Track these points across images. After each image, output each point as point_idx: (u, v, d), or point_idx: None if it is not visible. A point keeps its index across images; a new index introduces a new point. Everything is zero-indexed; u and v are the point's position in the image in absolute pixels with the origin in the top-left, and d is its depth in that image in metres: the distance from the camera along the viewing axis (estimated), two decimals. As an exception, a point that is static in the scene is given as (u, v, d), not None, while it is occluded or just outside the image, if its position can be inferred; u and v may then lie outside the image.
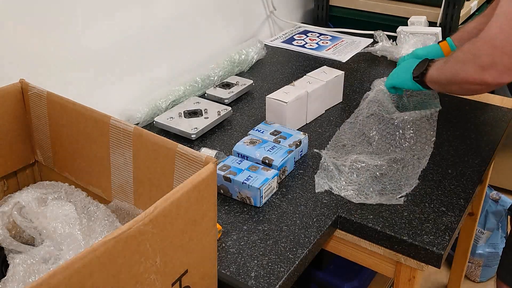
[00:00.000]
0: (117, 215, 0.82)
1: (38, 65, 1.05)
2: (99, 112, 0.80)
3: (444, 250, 0.88)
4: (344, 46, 1.67)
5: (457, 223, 0.94)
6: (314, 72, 1.30)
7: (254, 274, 0.83)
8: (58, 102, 0.84)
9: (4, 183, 0.90)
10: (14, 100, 0.87)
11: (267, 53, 1.60)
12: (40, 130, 0.89)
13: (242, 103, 1.34)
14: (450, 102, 1.33)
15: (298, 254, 0.87)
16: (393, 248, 0.92)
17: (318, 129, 1.22)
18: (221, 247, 0.89)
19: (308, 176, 1.06)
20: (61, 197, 0.84)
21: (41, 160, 0.92)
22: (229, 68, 1.45)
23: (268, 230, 0.92)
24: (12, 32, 0.99)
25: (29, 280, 0.69)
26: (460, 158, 1.11)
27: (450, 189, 1.02)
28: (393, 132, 1.14)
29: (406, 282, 0.97)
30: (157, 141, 0.73)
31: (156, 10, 1.30)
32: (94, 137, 0.81)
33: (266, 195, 0.99)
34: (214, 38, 1.53)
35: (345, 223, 0.96)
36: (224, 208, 0.98)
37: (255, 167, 1.01)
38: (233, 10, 1.59)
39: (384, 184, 1.02)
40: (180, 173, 0.71)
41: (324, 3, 1.84)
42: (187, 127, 1.17)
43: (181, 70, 1.41)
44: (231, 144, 1.15)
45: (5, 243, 0.77)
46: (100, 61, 1.19)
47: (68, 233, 0.75)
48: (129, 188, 0.80)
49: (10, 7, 0.97)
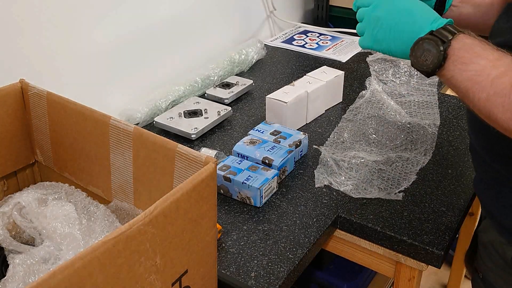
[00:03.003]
0: (117, 215, 0.82)
1: (38, 65, 1.05)
2: (99, 112, 0.80)
3: (444, 250, 0.88)
4: (344, 46, 1.67)
5: (457, 223, 0.94)
6: (314, 72, 1.30)
7: (254, 274, 0.83)
8: (58, 102, 0.84)
9: (4, 183, 0.90)
10: (14, 100, 0.87)
11: (267, 53, 1.60)
12: (40, 130, 0.89)
13: (242, 103, 1.34)
14: (450, 102, 1.33)
15: (298, 254, 0.87)
16: (393, 248, 0.92)
17: (318, 129, 1.22)
18: (221, 247, 0.89)
19: (308, 176, 1.06)
20: (61, 197, 0.84)
21: (41, 160, 0.92)
22: (229, 68, 1.45)
23: (268, 230, 0.92)
24: (12, 32, 0.99)
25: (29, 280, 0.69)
26: (460, 158, 1.11)
27: (450, 189, 1.02)
28: (395, 136, 1.14)
29: (406, 282, 0.97)
30: (157, 141, 0.73)
31: (156, 10, 1.30)
32: (94, 137, 0.81)
33: (266, 195, 0.99)
34: (214, 38, 1.53)
35: (345, 223, 0.96)
36: (224, 208, 0.98)
37: (255, 167, 1.01)
38: (233, 10, 1.59)
39: (383, 179, 1.03)
40: (180, 173, 0.71)
41: (324, 3, 1.84)
42: (187, 127, 1.17)
43: (181, 70, 1.41)
44: (231, 144, 1.15)
45: (5, 243, 0.77)
46: (100, 61, 1.19)
47: (68, 233, 0.75)
48: (129, 188, 0.80)
49: (10, 7, 0.97)
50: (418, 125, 1.18)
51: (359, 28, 0.80)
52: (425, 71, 0.70)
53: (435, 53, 0.68)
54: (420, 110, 1.27)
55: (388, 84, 1.39)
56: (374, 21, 0.76)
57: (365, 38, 0.78)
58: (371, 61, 1.49)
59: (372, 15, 0.77)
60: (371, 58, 1.51)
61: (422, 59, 0.69)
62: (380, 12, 0.75)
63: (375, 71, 1.44)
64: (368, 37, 0.78)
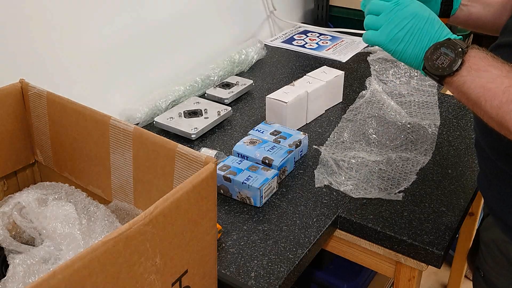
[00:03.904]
0: (117, 215, 0.82)
1: (38, 65, 1.05)
2: (99, 112, 0.80)
3: (444, 250, 0.88)
4: (344, 46, 1.67)
5: (457, 223, 0.94)
6: (314, 72, 1.30)
7: (254, 274, 0.83)
8: (58, 102, 0.84)
9: (4, 183, 0.90)
10: (14, 100, 0.87)
11: (267, 53, 1.60)
12: (40, 130, 0.89)
13: (242, 103, 1.34)
14: (450, 102, 1.33)
15: (298, 254, 0.87)
16: (393, 248, 0.92)
17: (318, 129, 1.22)
18: (221, 247, 0.89)
19: (308, 176, 1.06)
20: (61, 197, 0.84)
21: (41, 160, 0.92)
22: (229, 68, 1.45)
23: (268, 230, 0.92)
24: (12, 32, 0.99)
25: (29, 280, 0.69)
26: (460, 158, 1.11)
27: (450, 189, 1.02)
28: (395, 136, 1.14)
29: (406, 282, 0.97)
30: (157, 141, 0.73)
31: (156, 10, 1.30)
32: (94, 137, 0.81)
33: (266, 195, 0.99)
34: (214, 38, 1.53)
35: (345, 223, 0.96)
36: (224, 208, 0.98)
37: (255, 167, 1.01)
38: (233, 10, 1.59)
39: (383, 179, 1.03)
40: (180, 173, 0.71)
41: (324, 3, 1.84)
42: (187, 127, 1.17)
43: (181, 70, 1.41)
44: (231, 144, 1.15)
45: (5, 244, 0.77)
46: (100, 61, 1.19)
47: (68, 233, 0.75)
48: (129, 188, 0.80)
49: (9, 8, 0.97)
50: (418, 125, 1.18)
51: (372, 21, 0.77)
52: (439, 74, 0.70)
53: (452, 57, 0.69)
54: (420, 110, 1.27)
55: (388, 84, 1.39)
56: (399, 19, 0.74)
57: (379, 33, 0.75)
58: (372, 60, 1.49)
59: (398, 13, 0.74)
60: (372, 57, 1.51)
61: (439, 62, 0.70)
62: (408, 12, 0.74)
63: (376, 70, 1.44)
64: (385, 33, 0.75)
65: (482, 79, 0.67)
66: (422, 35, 0.73)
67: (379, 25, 0.76)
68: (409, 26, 0.73)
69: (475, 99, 0.67)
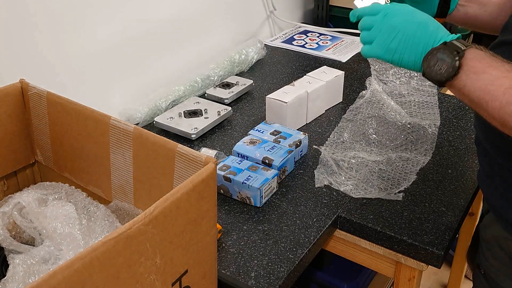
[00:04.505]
0: (117, 215, 0.82)
1: (38, 65, 1.05)
2: (99, 112, 0.80)
3: (444, 250, 0.88)
4: (344, 46, 1.67)
5: (457, 223, 0.94)
6: (314, 72, 1.30)
7: (254, 274, 0.83)
8: (58, 102, 0.84)
9: (4, 183, 0.90)
10: (14, 100, 0.87)
11: (267, 53, 1.60)
12: (40, 130, 0.89)
13: (242, 103, 1.34)
14: (450, 102, 1.33)
15: (298, 254, 0.87)
16: (393, 248, 0.92)
17: (318, 129, 1.22)
18: (221, 247, 0.89)
19: (308, 176, 1.06)
20: (61, 197, 0.84)
21: (41, 160, 0.92)
22: (229, 68, 1.45)
23: (268, 230, 0.92)
24: (12, 32, 0.99)
25: (29, 280, 0.69)
26: (460, 158, 1.11)
27: (450, 189, 1.02)
28: (395, 136, 1.14)
29: (406, 282, 0.97)
30: (157, 141, 0.73)
31: (156, 10, 1.30)
32: (94, 137, 0.81)
33: (266, 195, 0.99)
34: (214, 38, 1.53)
35: (345, 223, 0.96)
36: (224, 208, 0.98)
37: (255, 167, 1.01)
38: (233, 10, 1.59)
39: (383, 179, 1.03)
40: (180, 173, 0.71)
41: (324, 3, 1.84)
42: (187, 127, 1.17)
43: (181, 70, 1.41)
44: (231, 144, 1.15)
45: (5, 244, 0.77)
46: (100, 61, 1.19)
47: (68, 233, 0.75)
48: (129, 188, 0.80)
49: (10, 8, 0.97)
50: (418, 125, 1.18)
51: (365, 36, 0.78)
52: (438, 80, 0.70)
53: (449, 63, 0.69)
54: (420, 110, 1.27)
55: (388, 84, 1.39)
56: (389, 30, 0.75)
57: (373, 46, 0.77)
58: (372, 60, 1.49)
59: (387, 24, 0.75)
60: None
61: (437, 68, 0.70)
62: (396, 22, 0.74)
63: (376, 70, 1.44)
64: (378, 46, 0.76)
65: (482, 82, 0.67)
66: (415, 42, 0.73)
67: (372, 38, 0.77)
68: (400, 35, 0.74)
69: (477, 101, 0.68)
